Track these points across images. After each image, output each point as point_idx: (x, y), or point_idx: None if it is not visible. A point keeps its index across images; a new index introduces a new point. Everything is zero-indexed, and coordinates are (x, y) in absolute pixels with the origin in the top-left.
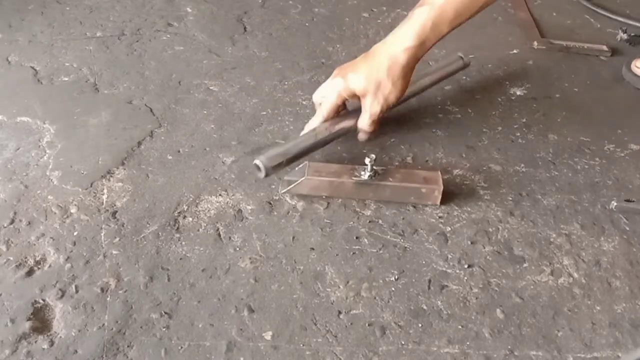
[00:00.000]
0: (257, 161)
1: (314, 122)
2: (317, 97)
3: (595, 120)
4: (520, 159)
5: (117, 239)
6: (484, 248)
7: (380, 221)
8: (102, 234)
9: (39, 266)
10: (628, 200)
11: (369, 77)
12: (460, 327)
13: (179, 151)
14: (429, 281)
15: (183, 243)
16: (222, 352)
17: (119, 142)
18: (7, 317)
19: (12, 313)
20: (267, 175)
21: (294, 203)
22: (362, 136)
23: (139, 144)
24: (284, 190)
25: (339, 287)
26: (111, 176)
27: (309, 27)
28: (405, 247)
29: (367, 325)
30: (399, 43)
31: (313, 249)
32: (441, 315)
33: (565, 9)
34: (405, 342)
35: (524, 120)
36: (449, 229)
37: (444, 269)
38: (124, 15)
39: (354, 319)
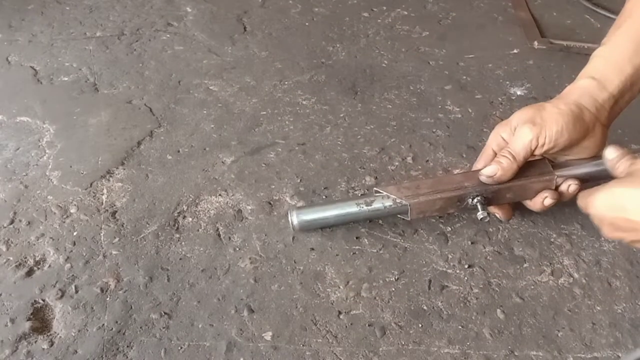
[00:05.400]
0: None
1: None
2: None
3: None
4: None
5: (117, 239)
6: (484, 248)
7: (380, 221)
8: (102, 234)
9: (39, 266)
10: None
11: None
12: (460, 327)
13: (178, 151)
14: (429, 281)
15: (183, 243)
16: (222, 353)
17: (118, 142)
18: (7, 317)
19: (12, 313)
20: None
21: (294, 203)
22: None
23: (139, 144)
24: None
25: (339, 288)
26: (111, 176)
27: (309, 27)
28: (406, 247)
29: (367, 325)
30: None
31: (313, 249)
32: (441, 316)
33: (565, 8)
34: (405, 342)
35: None
36: (449, 229)
37: (444, 269)
38: (123, 15)
39: (354, 319)
